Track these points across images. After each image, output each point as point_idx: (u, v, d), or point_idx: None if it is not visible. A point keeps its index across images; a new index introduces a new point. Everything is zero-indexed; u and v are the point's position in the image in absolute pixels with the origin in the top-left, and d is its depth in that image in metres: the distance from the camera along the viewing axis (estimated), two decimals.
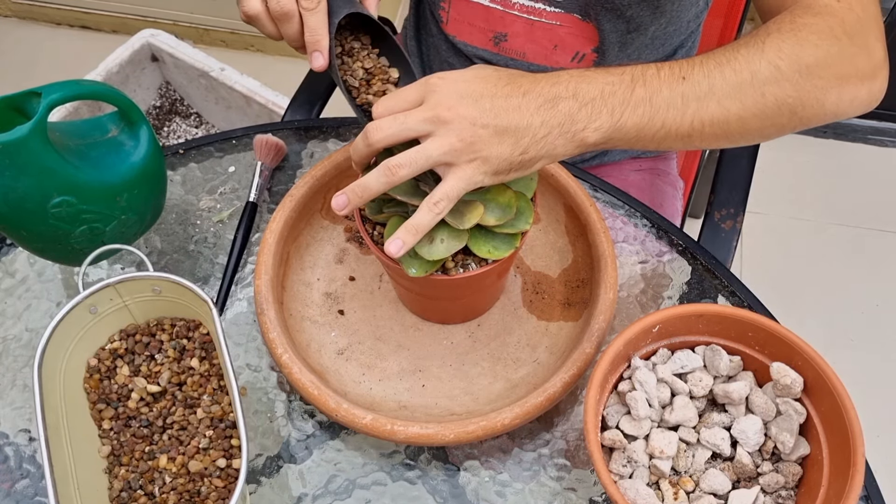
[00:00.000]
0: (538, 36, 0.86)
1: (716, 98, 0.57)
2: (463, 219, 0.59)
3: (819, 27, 0.58)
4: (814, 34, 0.58)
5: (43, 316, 0.77)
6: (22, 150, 0.62)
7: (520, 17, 0.85)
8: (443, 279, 0.61)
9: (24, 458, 0.69)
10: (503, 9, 0.85)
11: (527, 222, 0.61)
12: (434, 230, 0.60)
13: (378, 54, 0.67)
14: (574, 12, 0.83)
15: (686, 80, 0.56)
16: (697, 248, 0.80)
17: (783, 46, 0.57)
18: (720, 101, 0.57)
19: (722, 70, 0.57)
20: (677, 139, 0.58)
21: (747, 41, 0.58)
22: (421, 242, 0.59)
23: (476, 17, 0.88)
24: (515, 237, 0.62)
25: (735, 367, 0.64)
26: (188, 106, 1.63)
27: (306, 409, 0.72)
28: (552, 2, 0.83)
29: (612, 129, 0.56)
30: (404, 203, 0.61)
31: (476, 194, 0.60)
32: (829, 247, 1.74)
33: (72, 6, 2.02)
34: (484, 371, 0.72)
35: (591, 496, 0.67)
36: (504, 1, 0.85)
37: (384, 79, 0.66)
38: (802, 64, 0.57)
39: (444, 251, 0.59)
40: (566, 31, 0.85)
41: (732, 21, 1.11)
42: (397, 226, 0.61)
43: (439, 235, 0.60)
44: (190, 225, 0.82)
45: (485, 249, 0.61)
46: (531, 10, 0.84)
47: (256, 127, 0.89)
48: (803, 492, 0.60)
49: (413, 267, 0.60)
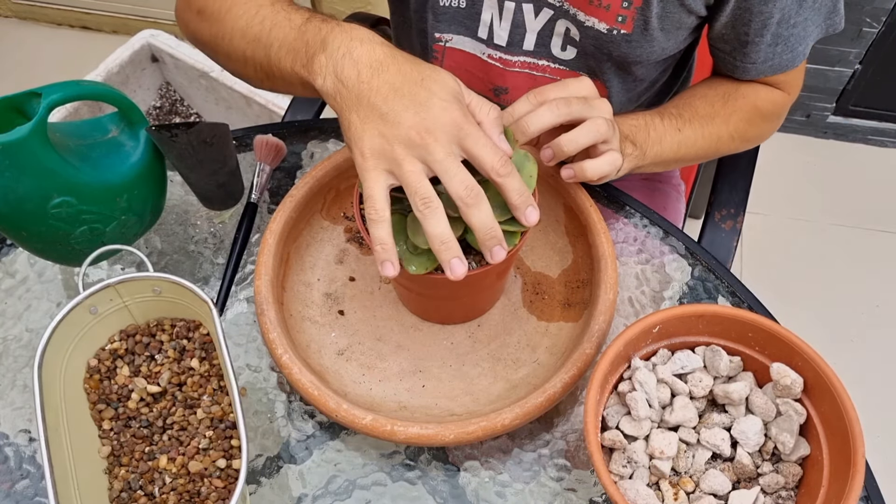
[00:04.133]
0: None
1: (696, 146, 0.80)
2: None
3: (761, 118, 0.85)
4: (756, 123, 0.85)
5: (43, 316, 0.77)
6: (22, 150, 0.62)
7: (521, 73, 0.84)
8: (443, 278, 0.61)
9: (24, 458, 0.69)
10: (503, 66, 0.84)
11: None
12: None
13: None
14: (581, 70, 0.83)
15: (681, 132, 0.78)
16: (697, 248, 0.80)
17: (739, 125, 0.83)
18: (697, 148, 0.80)
19: (703, 130, 0.80)
20: (663, 166, 0.80)
21: (720, 113, 0.81)
22: (419, 233, 0.59)
23: (473, 67, 0.86)
24: (515, 236, 0.62)
25: (735, 367, 0.64)
26: (188, 106, 1.63)
27: (306, 410, 0.72)
28: (557, 59, 0.82)
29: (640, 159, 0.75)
30: (401, 200, 0.61)
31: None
32: (829, 247, 1.74)
33: (72, 6, 2.02)
34: (484, 371, 0.72)
35: (591, 496, 0.67)
36: (504, 59, 0.83)
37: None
38: (745, 136, 0.85)
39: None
40: None
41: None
42: (397, 225, 0.61)
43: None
44: (190, 225, 0.82)
45: None
46: (534, 67, 0.83)
47: (256, 127, 0.89)
48: (803, 492, 0.60)
49: (413, 265, 0.60)
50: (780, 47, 0.78)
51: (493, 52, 0.83)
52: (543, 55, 0.82)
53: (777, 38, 0.77)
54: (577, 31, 0.78)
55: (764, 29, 0.76)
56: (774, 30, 0.76)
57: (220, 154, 0.74)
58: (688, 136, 0.78)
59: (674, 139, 0.77)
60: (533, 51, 0.81)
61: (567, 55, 0.81)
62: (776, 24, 0.76)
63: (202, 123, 0.69)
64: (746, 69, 0.81)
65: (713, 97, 0.81)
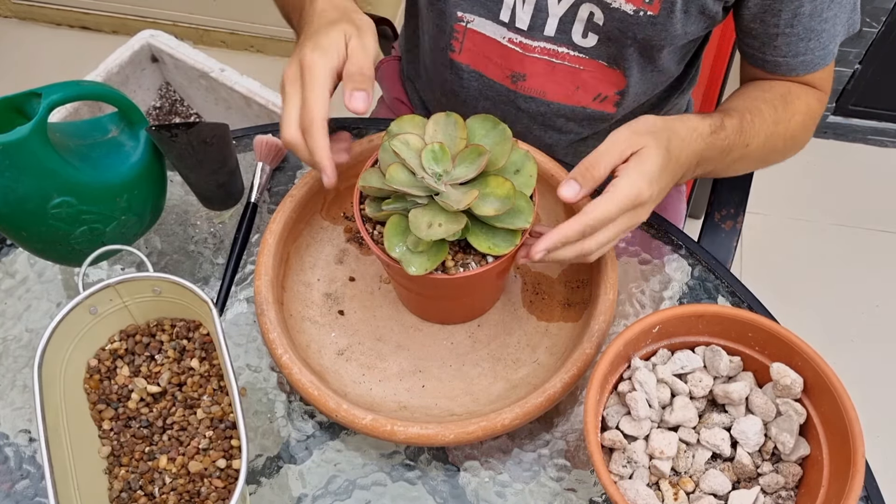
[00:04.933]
0: (560, 78, 0.85)
1: (752, 161, 0.81)
2: (459, 200, 0.59)
3: (812, 121, 0.84)
4: (808, 127, 0.84)
5: (43, 316, 0.77)
6: (22, 150, 0.62)
7: (540, 59, 0.84)
8: (442, 278, 0.61)
9: (24, 458, 0.69)
10: (522, 51, 0.84)
11: (526, 220, 0.61)
12: (432, 215, 0.60)
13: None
14: (601, 59, 0.83)
15: (749, 147, 0.76)
16: (697, 248, 0.80)
17: (796, 131, 0.81)
18: (755, 161, 0.81)
19: (766, 143, 0.78)
20: (719, 175, 0.82)
21: (783, 118, 0.79)
22: (419, 227, 0.59)
23: (492, 52, 0.86)
24: (516, 234, 0.62)
25: (735, 367, 0.64)
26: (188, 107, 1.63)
27: (306, 410, 0.72)
28: (577, 47, 0.82)
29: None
30: (404, 198, 0.61)
31: (476, 185, 0.61)
32: (829, 247, 1.74)
33: (72, 6, 2.02)
34: (484, 371, 0.72)
35: (591, 496, 0.67)
36: (524, 44, 0.83)
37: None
38: (796, 141, 0.83)
39: (442, 233, 0.59)
40: (590, 75, 0.84)
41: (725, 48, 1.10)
42: (397, 224, 0.61)
43: (437, 220, 0.59)
44: (190, 225, 0.82)
45: (485, 245, 0.61)
46: (554, 54, 0.83)
47: (256, 127, 0.89)
48: (803, 492, 0.60)
49: (413, 265, 0.60)
50: (813, 42, 0.77)
51: (513, 36, 0.83)
52: (563, 42, 0.82)
53: (810, 33, 0.77)
54: (601, 14, 0.78)
55: (794, 20, 0.75)
56: (807, 23, 0.76)
57: (220, 154, 0.74)
58: (752, 151, 0.77)
59: (736, 155, 0.76)
60: (553, 36, 0.82)
61: (588, 42, 0.81)
62: (808, 16, 0.75)
63: (202, 123, 0.69)
64: (777, 63, 0.80)
65: (773, 100, 0.79)
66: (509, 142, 0.62)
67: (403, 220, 0.62)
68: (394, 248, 0.61)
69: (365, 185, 0.63)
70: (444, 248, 0.61)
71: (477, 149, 0.60)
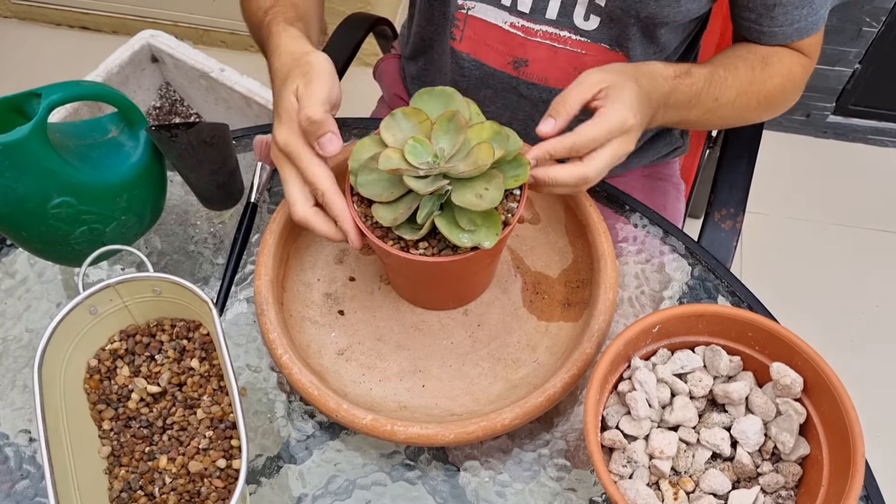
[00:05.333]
0: (562, 63, 0.85)
1: (726, 116, 0.82)
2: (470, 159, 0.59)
3: (793, 86, 0.86)
4: (788, 91, 0.85)
5: (43, 317, 0.77)
6: (22, 150, 0.62)
7: (542, 44, 0.83)
8: (429, 261, 0.61)
9: (24, 458, 0.69)
10: (525, 35, 0.83)
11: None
12: (470, 188, 0.59)
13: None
14: (602, 42, 0.82)
15: (717, 101, 0.78)
16: (697, 248, 0.80)
17: (772, 93, 0.83)
18: (726, 117, 0.83)
19: (737, 99, 0.80)
20: (682, 125, 0.89)
21: (759, 77, 0.81)
22: (470, 202, 0.58)
23: (493, 38, 0.85)
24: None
25: (735, 367, 0.64)
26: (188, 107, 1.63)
27: (306, 410, 0.72)
28: (580, 31, 0.82)
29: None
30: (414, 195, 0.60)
31: (463, 150, 0.60)
32: (829, 247, 1.74)
33: (72, 7, 2.02)
34: (484, 371, 0.72)
35: (591, 496, 0.67)
36: (526, 28, 0.83)
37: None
38: (772, 104, 0.85)
39: (490, 198, 0.58)
40: (591, 59, 0.84)
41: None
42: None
43: (477, 190, 0.59)
44: (190, 226, 0.82)
45: (460, 237, 0.60)
46: (556, 38, 0.83)
47: (256, 127, 0.89)
48: (803, 492, 0.60)
49: (481, 238, 0.60)
50: (806, 10, 0.79)
51: (515, 21, 0.83)
52: (565, 25, 0.82)
53: (803, 0, 0.78)
54: None
55: None
56: None
57: (220, 154, 0.74)
58: (722, 105, 0.79)
59: (706, 106, 0.78)
60: (555, 20, 0.81)
61: (589, 25, 0.81)
62: None
63: (202, 123, 0.69)
64: (774, 34, 0.81)
65: (753, 60, 0.81)
66: (457, 96, 0.63)
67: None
68: (460, 237, 0.60)
69: (377, 216, 0.62)
70: (496, 216, 0.61)
71: (446, 115, 0.60)
